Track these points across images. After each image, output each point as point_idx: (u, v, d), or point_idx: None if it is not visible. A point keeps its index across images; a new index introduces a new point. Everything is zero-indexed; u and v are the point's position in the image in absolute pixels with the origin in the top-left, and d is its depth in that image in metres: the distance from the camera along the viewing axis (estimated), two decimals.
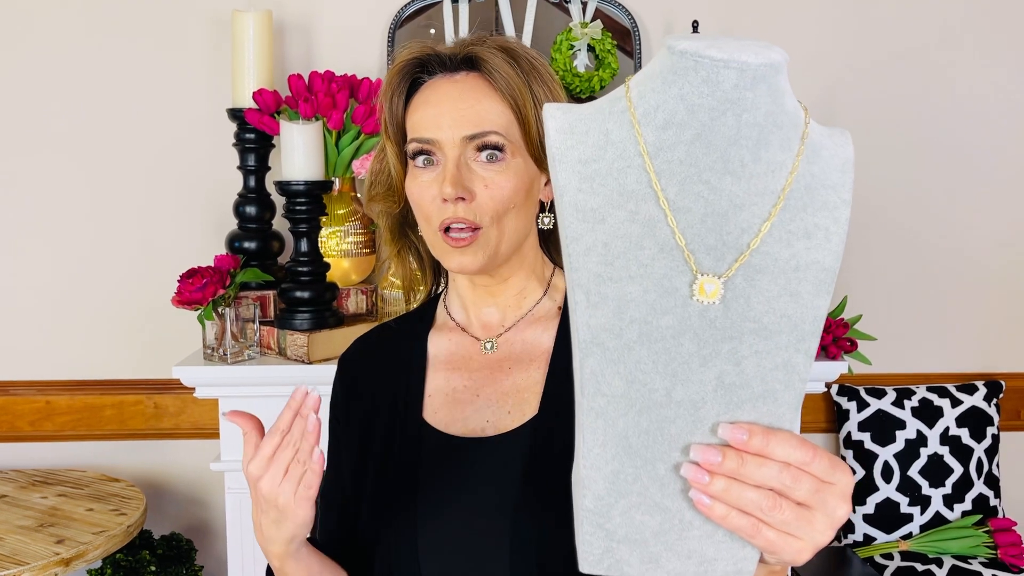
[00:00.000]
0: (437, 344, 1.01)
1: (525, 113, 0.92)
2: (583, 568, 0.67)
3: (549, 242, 1.03)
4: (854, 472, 2.18)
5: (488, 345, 0.99)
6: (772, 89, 0.62)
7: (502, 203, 0.91)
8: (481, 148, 0.91)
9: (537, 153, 0.93)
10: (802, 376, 0.64)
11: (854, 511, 2.18)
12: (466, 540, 0.89)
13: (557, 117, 0.67)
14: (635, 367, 0.63)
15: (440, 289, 1.08)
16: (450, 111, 0.91)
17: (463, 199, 0.90)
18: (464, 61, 0.93)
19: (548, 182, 0.97)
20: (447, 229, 0.91)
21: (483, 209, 0.91)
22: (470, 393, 0.97)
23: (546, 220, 0.98)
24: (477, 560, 0.88)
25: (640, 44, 2.15)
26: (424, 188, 0.92)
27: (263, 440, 0.83)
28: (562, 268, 1.04)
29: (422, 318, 1.05)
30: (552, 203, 0.98)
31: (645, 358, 0.63)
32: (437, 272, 1.07)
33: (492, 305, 1.00)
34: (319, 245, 1.86)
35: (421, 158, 0.92)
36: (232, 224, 2.02)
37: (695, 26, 2.02)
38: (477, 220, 0.91)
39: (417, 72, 0.94)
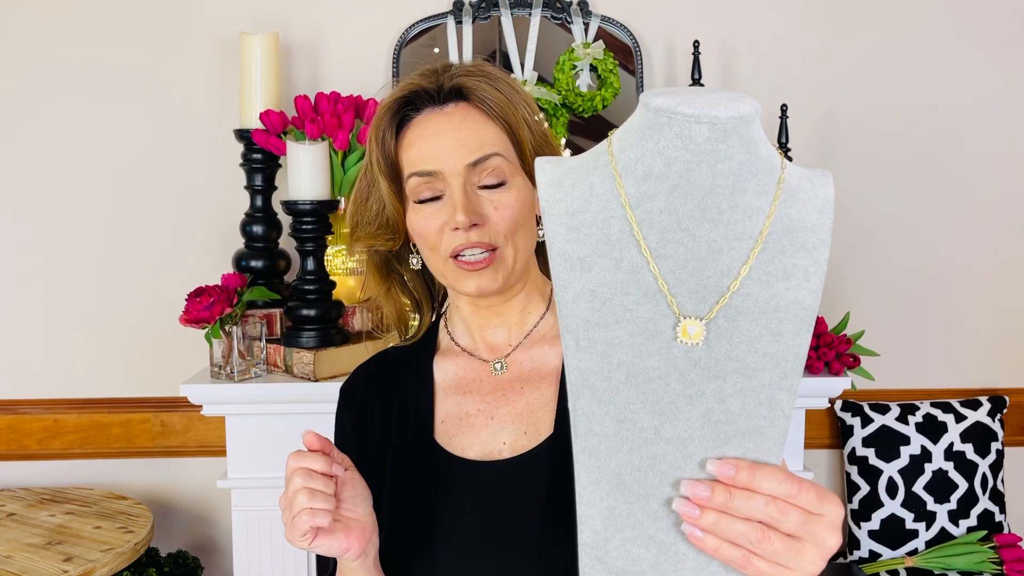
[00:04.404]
0: (444, 369, 1.01)
1: (519, 133, 0.93)
2: None
3: (542, 255, 1.03)
4: (858, 488, 2.18)
5: (497, 366, 0.98)
6: (744, 140, 0.64)
7: (513, 222, 0.92)
8: (485, 179, 0.92)
9: (531, 170, 0.94)
10: (786, 412, 0.66)
11: (859, 527, 2.18)
12: (490, 563, 0.89)
13: (547, 171, 0.70)
14: (624, 407, 0.66)
15: (435, 316, 1.07)
16: (449, 141, 0.91)
17: (476, 224, 0.91)
18: (451, 92, 0.94)
19: None
20: (456, 255, 0.92)
21: (497, 230, 0.92)
22: (484, 416, 0.96)
23: (541, 232, 0.98)
24: None
25: (641, 63, 2.17)
26: (429, 219, 0.93)
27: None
28: None
29: (423, 345, 1.04)
30: None
31: (634, 398, 0.65)
32: (431, 302, 1.06)
33: (499, 326, 0.99)
34: (325, 264, 1.88)
35: (426, 194, 0.92)
36: (239, 243, 2.04)
37: (696, 45, 2.04)
38: (492, 241, 0.92)
39: (405, 109, 0.95)
